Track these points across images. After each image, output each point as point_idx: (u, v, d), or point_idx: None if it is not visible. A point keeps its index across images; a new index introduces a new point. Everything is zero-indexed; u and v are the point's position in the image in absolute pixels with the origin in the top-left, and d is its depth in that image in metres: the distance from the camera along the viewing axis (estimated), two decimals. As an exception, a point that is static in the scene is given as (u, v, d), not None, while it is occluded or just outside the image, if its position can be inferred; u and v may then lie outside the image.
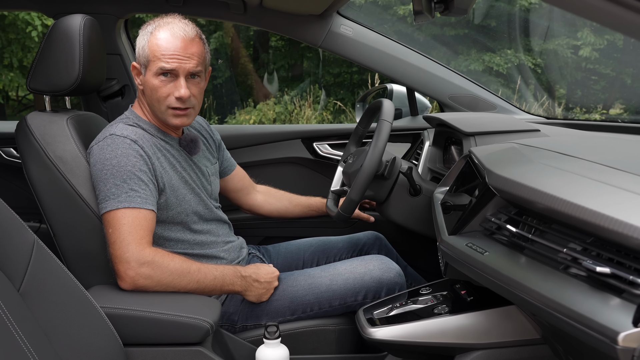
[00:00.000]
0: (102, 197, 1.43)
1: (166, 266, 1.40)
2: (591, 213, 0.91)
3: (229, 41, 8.71)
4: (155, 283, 1.39)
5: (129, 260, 1.37)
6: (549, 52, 7.74)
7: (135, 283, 1.38)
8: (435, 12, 1.16)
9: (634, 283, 0.85)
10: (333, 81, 8.54)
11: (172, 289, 1.42)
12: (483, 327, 1.30)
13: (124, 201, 1.40)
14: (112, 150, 1.43)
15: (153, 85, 1.49)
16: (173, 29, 1.48)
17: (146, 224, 1.42)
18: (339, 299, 1.60)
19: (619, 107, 7.96)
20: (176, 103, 1.49)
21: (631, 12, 0.63)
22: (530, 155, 1.29)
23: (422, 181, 1.75)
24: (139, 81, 1.55)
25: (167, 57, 1.46)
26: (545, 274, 1.00)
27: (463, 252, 1.20)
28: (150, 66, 1.48)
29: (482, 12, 7.67)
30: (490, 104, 2.29)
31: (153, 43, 1.48)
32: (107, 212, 1.41)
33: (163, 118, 1.53)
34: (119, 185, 1.41)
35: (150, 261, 1.38)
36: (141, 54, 1.50)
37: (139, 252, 1.38)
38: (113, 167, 1.42)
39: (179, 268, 1.41)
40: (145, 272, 1.38)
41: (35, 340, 0.97)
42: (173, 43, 1.47)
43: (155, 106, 1.51)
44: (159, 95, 1.49)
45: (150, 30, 1.50)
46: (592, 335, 0.84)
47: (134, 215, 1.40)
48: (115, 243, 1.39)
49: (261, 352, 1.39)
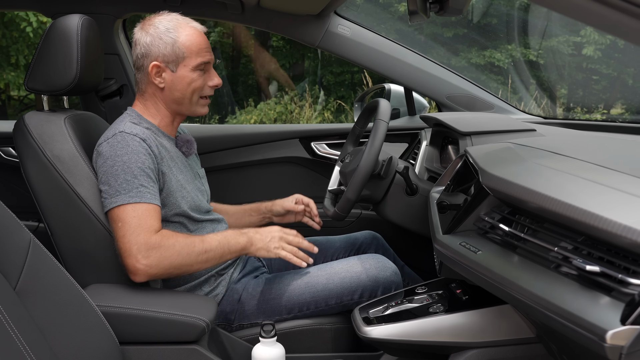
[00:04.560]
0: (112, 192, 1.44)
1: (173, 246, 1.42)
2: (582, 212, 0.92)
3: (230, 40, 8.72)
4: (167, 266, 1.41)
5: (139, 250, 1.38)
6: (550, 51, 7.73)
7: (148, 272, 1.39)
8: (430, 12, 1.17)
9: (623, 281, 0.86)
10: (334, 80, 8.54)
11: (184, 269, 1.45)
12: (478, 326, 1.31)
13: (135, 196, 1.43)
14: (122, 147, 1.45)
15: (191, 79, 1.56)
16: (194, 25, 1.58)
17: (155, 215, 1.45)
18: (336, 298, 1.61)
19: (620, 107, 7.95)
20: (210, 91, 1.61)
21: (617, 12, 0.63)
22: (524, 155, 1.29)
23: (418, 180, 1.75)
24: (160, 79, 1.56)
25: (204, 51, 1.56)
26: (536, 273, 1.01)
27: (457, 251, 1.21)
28: (187, 62, 1.54)
29: (481, 11, 7.67)
30: (488, 104, 2.29)
31: (187, 40, 1.54)
32: (118, 206, 1.43)
33: (191, 110, 1.60)
34: (129, 181, 1.43)
35: (158, 245, 1.40)
36: (169, 51, 1.53)
37: (146, 239, 1.39)
38: (124, 164, 1.44)
39: (184, 245, 1.44)
40: (155, 258, 1.39)
41: (32, 339, 0.98)
42: (201, 37, 1.57)
43: (187, 98, 1.57)
44: (196, 87, 1.57)
45: (171, 28, 1.53)
46: (582, 333, 0.85)
47: (144, 208, 1.43)
48: (125, 236, 1.40)
49: (257, 350, 1.39)
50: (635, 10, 0.66)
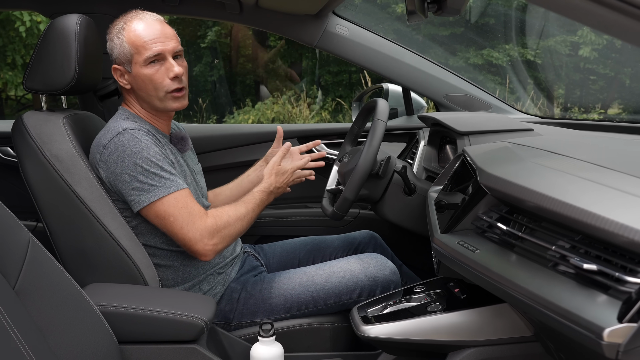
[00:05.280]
0: (146, 187, 1.44)
1: (227, 222, 1.51)
2: (579, 211, 0.93)
3: (228, 40, 8.71)
4: (229, 239, 1.52)
5: (202, 236, 1.47)
6: (547, 51, 7.74)
7: (216, 250, 1.51)
8: (428, 12, 1.17)
9: (620, 280, 0.86)
10: (332, 80, 8.54)
11: (240, 234, 1.56)
12: (476, 324, 1.31)
13: (172, 185, 1.46)
14: (135, 144, 1.45)
15: (146, 76, 1.51)
16: (143, 18, 1.52)
17: (193, 198, 1.51)
18: (334, 297, 1.61)
19: (618, 107, 7.96)
20: (173, 84, 1.52)
21: (614, 12, 0.64)
22: (522, 154, 1.30)
23: (416, 180, 1.76)
24: (124, 81, 1.56)
25: (150, 43, 1.49)
26: (534, 271, 1.01)
27: (455, 250, 1.21)
28: (136, 59, 1.50)
29: (479, 11, 7.68)
30: (486, 104, 2.30)
31: (131, 36, 1.50)
32: (159, 199, 1.44)
33: (163, 106, 1.55)
34: (158, 173, 1.45)
35: (215, 229, 1.48)
36: (120, 52, 1.52)
37: (203, 227, 1.47)
38: (146, 159, 1.44)
39: (233, 216, 1.53)
40: (218, 237, 1.49)
41: (31, 338, 0.98)
42: (150, 29, 1.50)
43: (153, 95, 1.53)
44: (155, 83, 1.51)
45: (120, 28, 1.53)
46: (579, 331, 0.85)
47: (183, 195, 1.47)
48: (183, 228, 1.46)
49: (256, 349, 1.39)
50: (633, 11, 0.66)
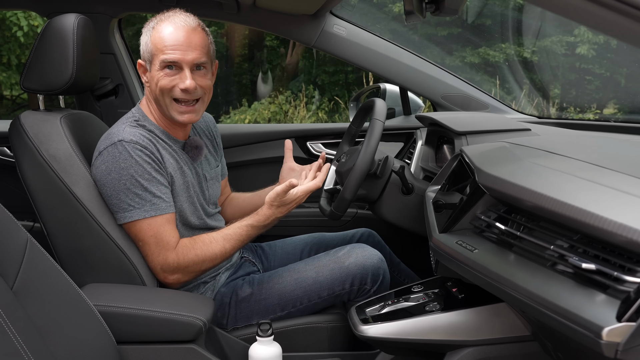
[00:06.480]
0: (124, 206, 1.44)
1: (192, 262, 1.50)
2: (578, 210, 0.93)
3: (224, 40, 8.70)
4: (194, 274, 1.53)
5: (163, 269, 1.49)
6: (543, 51, 7.76)
7: (179, 282, 1.52)
8: (426, 12, 1.17)
9: (618, 279, 0.86)
10: (329, 80, 8.54)
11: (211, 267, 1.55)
12: (474, 324, 1.31)
13: (150, 209, 1.44)
14: (125, 159, 1.43)
15: (157, 78, 1.48)
16: (174, 21, 1.48)
17: (171, 226, 1.49)
18: (327, 290, 1.62)
19: (613, 107, 7.98)
20: (181, 95, 1.48)
21: (612, 12, 0.64)
22: (519, 154, 1.30)
23: (414, 180, 1.76)
24: (145, 79, 1.55)
25: (170, 48, 1.46)
26: (532, 271, 1.02)
27: (453, 250, 1.21)
28: (154, 60, 1.48)
29: (476, 11, 7.69)
30: (483, 104, 2.30)
31: (155, 37, 1.48)
32: (133, 221, 1.45)
33: (169, 114, 1.51)
34: (140, 194, 1.43)
35: (176, 267, 1.49)
36: (145, 50, 1.51)
37: (164, 261, 1.48)
38: (132, 177, 1.42)
39: (202, 256, 1.50)
40: (179, 274, 1.50)
41: (29, 338, 0.98)
42: (175, 34, 1.47)
43: (160, 100, 1.50)
44: (163, 87, 1.48)
45: (152, 26, 1.50)
46: (578, 330, 0.86)
47: (159, 223, 1.46)
48: (147, 256, 1.48)
49: (254, 349, 1.39)
50: (630, 11, 0.67)
